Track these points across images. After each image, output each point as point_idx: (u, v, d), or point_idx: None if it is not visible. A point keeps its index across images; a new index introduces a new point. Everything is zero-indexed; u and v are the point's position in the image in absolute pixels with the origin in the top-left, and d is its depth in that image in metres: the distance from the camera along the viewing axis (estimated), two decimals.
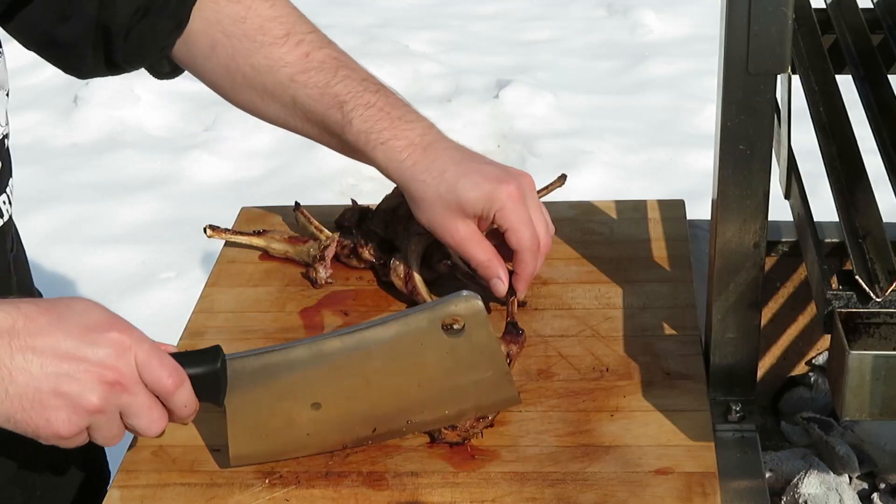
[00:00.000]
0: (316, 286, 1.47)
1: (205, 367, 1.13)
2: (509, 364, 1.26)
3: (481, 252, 1.32)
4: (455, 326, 1.17)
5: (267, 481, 1.17)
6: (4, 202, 1.29)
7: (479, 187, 1.30)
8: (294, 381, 1.16)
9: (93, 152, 4.23)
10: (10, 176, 1.30)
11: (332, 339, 1.17)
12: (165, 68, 1.43)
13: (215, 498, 1.16)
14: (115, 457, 1.30)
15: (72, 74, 1.42)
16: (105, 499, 1.18)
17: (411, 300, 1.42)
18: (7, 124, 1.29)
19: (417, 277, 1.41)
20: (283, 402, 1.17)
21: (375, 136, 1.33)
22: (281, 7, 1.39)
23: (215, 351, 1.14)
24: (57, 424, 1.04)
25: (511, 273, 1.34)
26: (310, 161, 4.00)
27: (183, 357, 1.12)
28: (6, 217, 1.29)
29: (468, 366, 1.19)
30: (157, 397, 1.09)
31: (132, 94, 4.49)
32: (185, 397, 1.10)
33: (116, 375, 1.05)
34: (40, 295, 1.43)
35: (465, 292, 1.17)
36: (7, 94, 1.29)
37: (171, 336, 1.38)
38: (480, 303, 1.17)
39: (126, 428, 1.09)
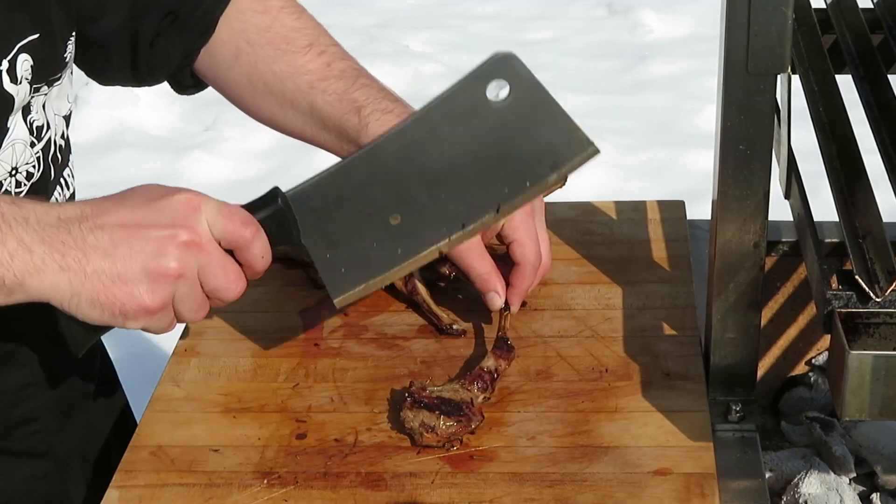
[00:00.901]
0: (316, 286, 1.47)
1: (269, 209, 1.11)
2: (496, 378, 1.26)
3: (481, 265, 1.31)
4: (500, 94, 1.10)
5: (265, 482, 1.17)
6: (69, 175, 1.32)
7: None
8: (362, 202, 1.11)
9: (93, 152, 4.23)
10: (70, 152, 1.34)
11: (383, 144, 1.12)
12: (189, 81, 1.44)
13: (213, 498, 1.16)
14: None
15: (94, 78, 1.43)
16: (104, 499, 1.17)
17: (411, 300, 1.42)
18: (72, 102, 1.32)
19: (417, 277, 1.40)
20: (361, 226, 1.12)
21: None
22: (306, 20, 1.41)
23: (272, 192, 1.11)
24: (141, 296, 1.04)
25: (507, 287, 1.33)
26: (309, 161, 3.99)
27: (245, 208, 1.10)
28: (71, 189, 1.33)
29: (528, 128, 1.12)
30: (232, 255, 1.09)
31: (132, 94, 4.49)
32: (261, 246, 1.10)
33: (190, 234, 1.05)
34: None
35: (498, 53, 1.09)
36: (71, 73, 1.31)
37: (171, 337, 1.38)
38: (519, 60, 1.10)
39: (207, 297, 1.09)
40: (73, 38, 1.28)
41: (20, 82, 1.19)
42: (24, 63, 1.19)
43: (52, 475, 1.31)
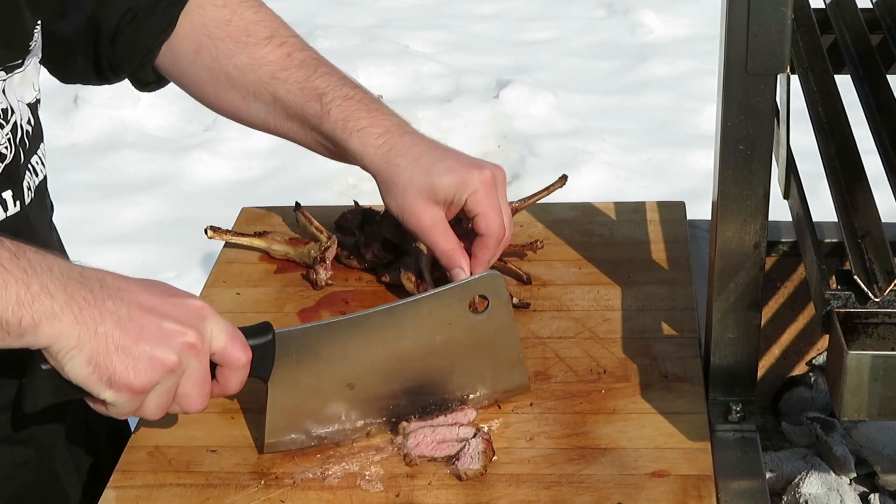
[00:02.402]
0: (316, 287, 1.47)
1: (261, 339, 1.16)
2: None
3: (446, 241, 1.34)
4: (479, 307, 1.23)
5: (262, 482, 1.17)
6: (38, 162, 1.33)
7: (452, 171, 1.33)
8: (333, 358, 1.20)
9: (93, 152, 4.23)
10: (42, 140, 1.34)
11: (371, 316, 1.21)
12: (150, 77, 1.45)
13: (210, 499, 1.16)
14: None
15: (56, 76, 1.44)
16: (101, 499, 1.17)
17: None
18: (39, 90, 1.32)
19: (429, 280, 1.40)
20: (321, 381, 1.20)
21: (353, 123, 1.36)
22: (265, 13, 1.43)
23: (266, 326, 1.17)
24: (134, 373, 1.07)
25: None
26: (310, 161, 3.99)
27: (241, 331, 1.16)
28: (41, 176, 1.34)
29: (488, 347, 1.24)
30: (213, 370, 1.13)
31: (132, 94, 4.48)
32: (245, 373, 1.15)
33: (195, 338, 1.09)
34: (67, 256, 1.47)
35: (490, 272, 1.24)
36: (39, 61, 1.31)
37: None
38: (504, 283, 1.24)
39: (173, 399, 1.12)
40: (38, 28, 1.28)
41: None
42: None
43: (35, 462, 1.31)
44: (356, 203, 1.56)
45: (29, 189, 1.29)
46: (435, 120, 4.12)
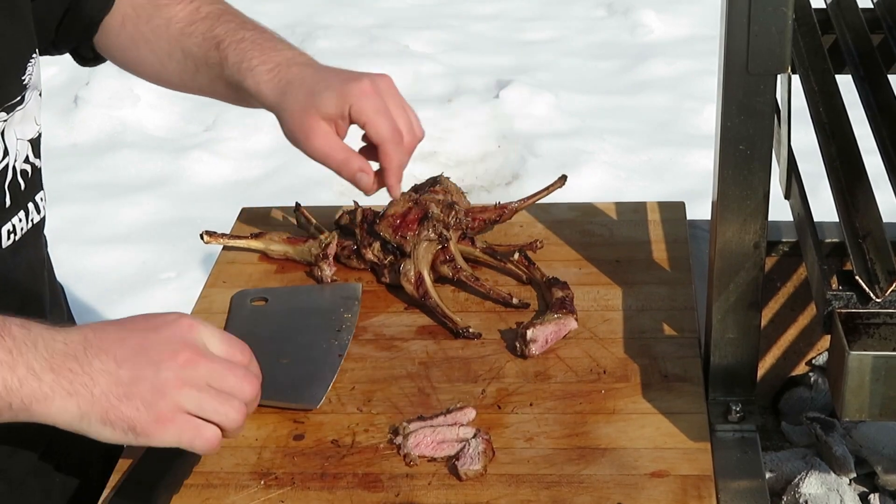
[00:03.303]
0: (322, 284, 1.47)
1: None
2: (572, 302, 1.38)
3: (337, 152, 1.34)
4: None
5: (263, 482, 1.17)
6: (41, 199, 1.33)
7: (331, 87, 1.32)
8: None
9: (93, 152, 4.22)
10: (40, 177, 1.34)
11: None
12: (90, 53, 1.48)
13: (210, 499, 1.15)
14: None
15: None
16: (100, 499, 1.17)
17: (412, 300, 1.42)
18: (39, 125, 1.32)
19: (429, 282, 1.40)
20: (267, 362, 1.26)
21: (246, 63, 1.36)
22: None
23: None
24: (146, 410, 1.06)
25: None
26: (310, 161, 3.98)
27: None
28: (43, 213, 1.34)
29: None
30: None
31: (132, 94, 4.48)
32: (256, 365, 1.15)
33: (187, 353, 1.08)
34: (63, 288, 1.47)
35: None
36: (40, 94, 1.32)
37: None
38: None
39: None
40: (33, 60, 1.28)
41: None
42: None
43: (6, 496, 1.30)
44: (356, 203, 1.56)
45: (12, 232, 1.27)
46: (435, 120, 4.12)
